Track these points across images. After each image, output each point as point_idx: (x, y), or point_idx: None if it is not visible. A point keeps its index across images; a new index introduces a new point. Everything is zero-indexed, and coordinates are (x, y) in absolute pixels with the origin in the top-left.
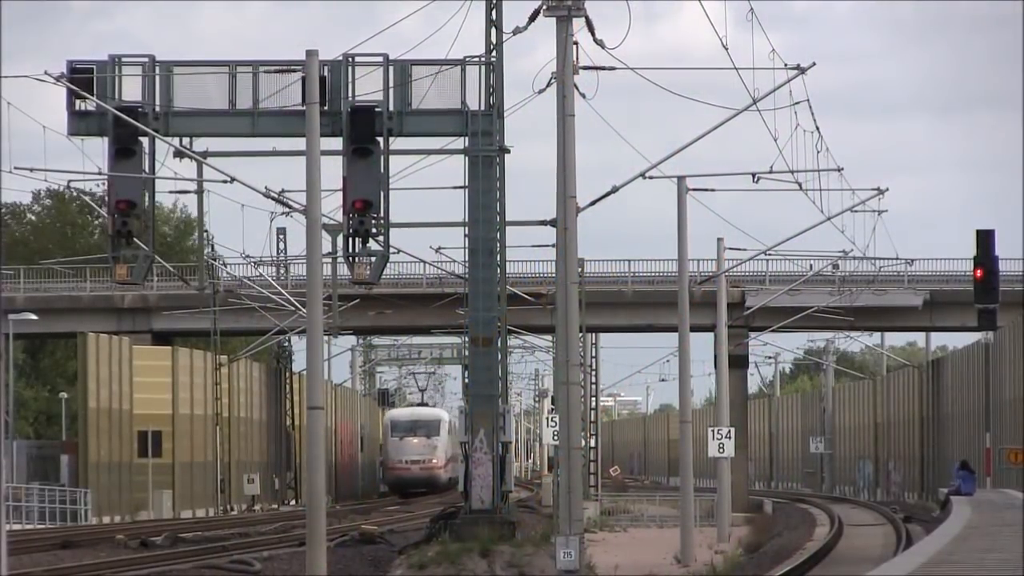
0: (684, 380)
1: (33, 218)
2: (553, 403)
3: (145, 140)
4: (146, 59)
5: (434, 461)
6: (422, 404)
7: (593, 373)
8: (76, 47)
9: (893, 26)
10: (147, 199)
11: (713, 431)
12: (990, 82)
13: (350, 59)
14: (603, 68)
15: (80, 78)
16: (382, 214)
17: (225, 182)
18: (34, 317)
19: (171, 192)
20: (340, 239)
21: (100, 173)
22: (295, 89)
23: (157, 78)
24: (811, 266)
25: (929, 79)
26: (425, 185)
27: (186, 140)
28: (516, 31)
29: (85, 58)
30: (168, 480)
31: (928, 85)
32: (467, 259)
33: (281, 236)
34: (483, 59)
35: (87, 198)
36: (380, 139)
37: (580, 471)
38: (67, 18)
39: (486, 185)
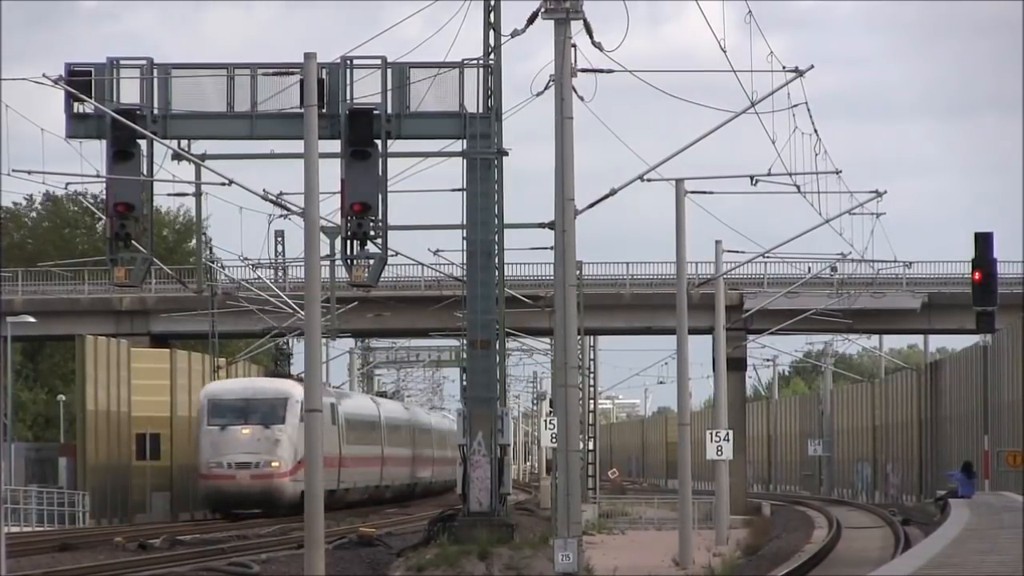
0: (682, 383)
1: (29, 223)
2: (551, 406)
3: (143, 143)
4: (144, 61)
5: (275, 464)
6: (278, 375)
7: (591, 376)
8: (83, 49)
9: (895, 29)
10: (145, 202)
11: (711, 434)
12: (992, 85)
13: (348, 61)
14: (601, 71)
15: (78, 80)
16: (380, 217)
17: (223, 184)
18: (32, 320)
19: (170, 195)
20: (338, 241)
21: (98, 176)
22: (293, 91)
23: (155, 80)
24: (809, 269)
25: (931, 82)
26: (423, 188)
27: (184, 142)
28: (514, 33)
29: (90, 61)
30: (166, 483)
31: (929, 88)
32: (465, 262)
33: (279, 238)
34: (481, 61)
35: (84, 199)
36: (378, 142)
37: (578, 473)
38: (74, 20)
39: (484, 188)
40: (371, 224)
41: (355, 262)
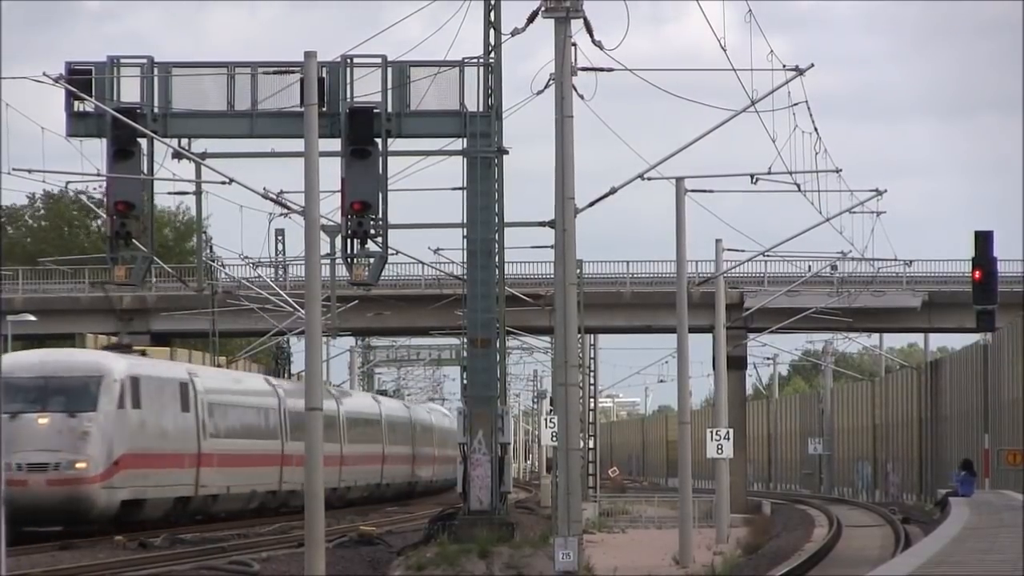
0: (683, 381)
1: (31, 221)
2: (552, 404)
3: (144, 141)
4: (144, 60)
5: (80, 465)
6: (116, 348)
7: (592, 374)
8: (85, 49)
9: (895, 29)
10: (146, 200)
11: (711, 432)
12: (992, 85)
13: (348, 60)
14: (600, 69)
15: (79, 79)
16: (381, 215)
17: (224, 183)
18: (33, 318)
19: (170, 193)
20: (339, 240)
21: (99, 174)
22: (294, 90)
23: (156, 79)
24: (809, 267)
25: (931, 82)
26: (424, 186)
27: (184, 141)
28: (514, 32)
29: (92, 60)
30: None
31: (929, 88)
32: (465, 260)
33: (280, 237)
34: (482, 60)
35: (84, 198)
36: (379, 140)
37: (579, 472)
38: (76, 20)
39: (485, 186)
40: (371, 223)
41: (355, 261)
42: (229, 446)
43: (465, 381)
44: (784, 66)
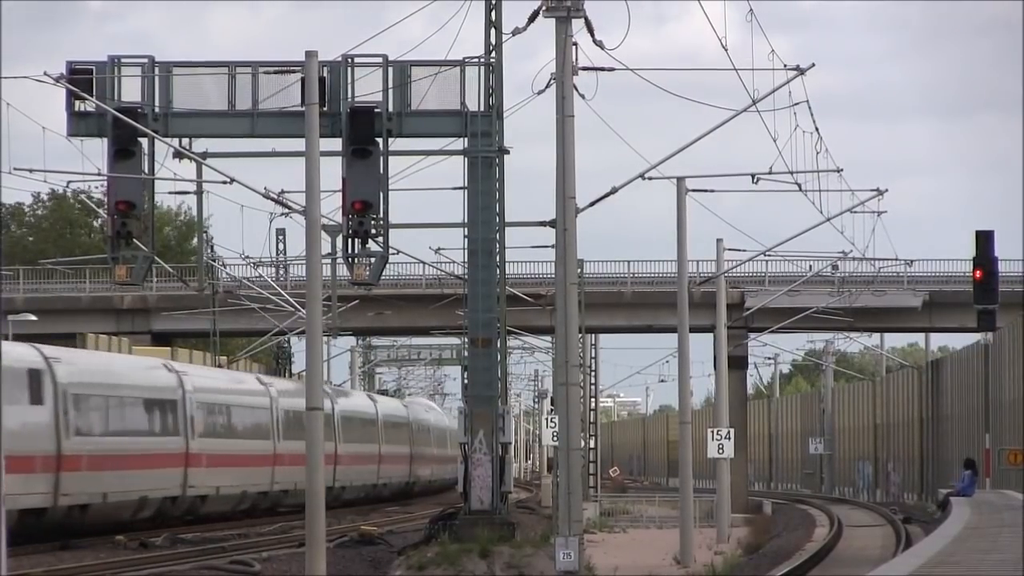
0: (683, 381)
1: (33, 219)
2: (552, 404)
3: (145, 141)
4: (145, 60)
5: None
6: None
7: (592, 374)
8: (88, 49)
9: (896, 29)
10: (147, 200)
11: (712, 432)
12: (992, 85)
13: (349, 60)
14: (601, 69)
15: (79, 79)
16: (381, 215)
17: (225, 183)
18: (33, 318)
19: (171, 193)
20: (339, 240)
21: (100, 174)
22: (295, 90)
23: (156, 79)
24: (810, 267)
25: (931, 81)
26: (425, 186)
27: (185, 141)
28: (515, 32)
29: (93, 59)
30: None
31: (930, 87)
32: (466, 260)
33: (280, 237)
34: (482, 60)
35: (84, 197)
36: (379, 140)
37: (579, 472)
38: (79, 20)
39: (485, 186)
40: (372, 222)
41: (356, 260)
42: (105, 445)
43: (466, 381)
44: (785, 66)
